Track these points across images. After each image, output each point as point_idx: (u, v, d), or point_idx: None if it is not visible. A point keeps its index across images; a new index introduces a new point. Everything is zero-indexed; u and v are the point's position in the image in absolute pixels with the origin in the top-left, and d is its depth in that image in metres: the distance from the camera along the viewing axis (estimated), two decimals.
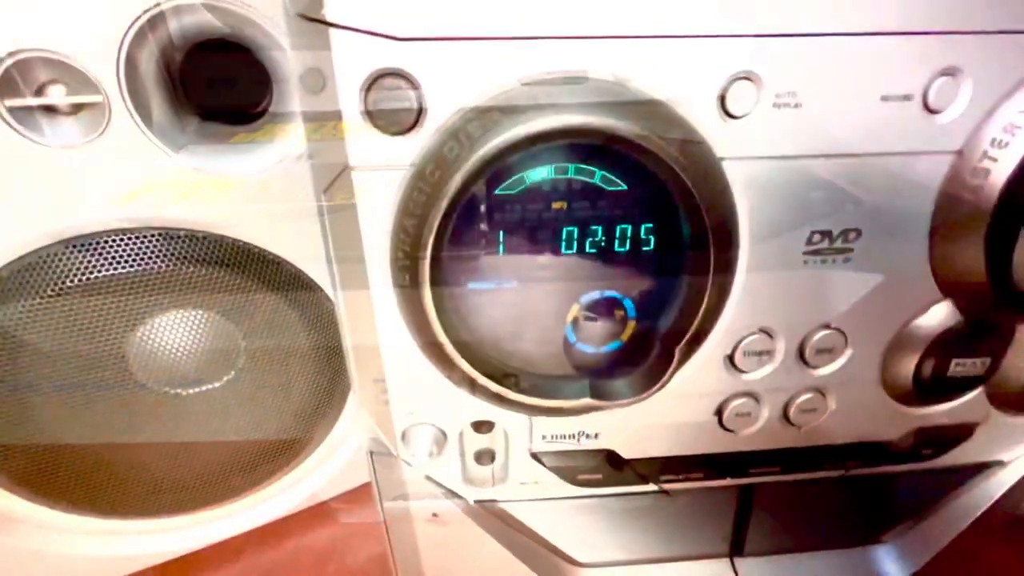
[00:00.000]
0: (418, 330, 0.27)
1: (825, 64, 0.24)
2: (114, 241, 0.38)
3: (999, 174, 0.25)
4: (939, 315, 0.30)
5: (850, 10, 0.23)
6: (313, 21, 0.22)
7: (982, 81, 0.25)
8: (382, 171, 0.24)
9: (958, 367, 0.30)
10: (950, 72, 0.24)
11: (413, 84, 0.22)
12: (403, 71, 0.22)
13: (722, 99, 0.24)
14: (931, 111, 0.25)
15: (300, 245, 0.43)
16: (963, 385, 0.31)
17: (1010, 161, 0.25)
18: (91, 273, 0.38)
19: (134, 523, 0.50)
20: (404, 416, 0.31)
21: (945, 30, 0.23)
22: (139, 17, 0.33)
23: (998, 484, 0.38)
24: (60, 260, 0.37)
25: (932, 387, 0.31)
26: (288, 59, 0.38)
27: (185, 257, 0.40)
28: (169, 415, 0.46)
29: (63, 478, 0.45)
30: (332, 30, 0.21)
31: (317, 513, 0.56)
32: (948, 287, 0.29)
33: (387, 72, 0.22)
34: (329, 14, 0.21)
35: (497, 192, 0.27)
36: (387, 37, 0.22)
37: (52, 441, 0.43)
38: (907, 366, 0.31)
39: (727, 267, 0.27)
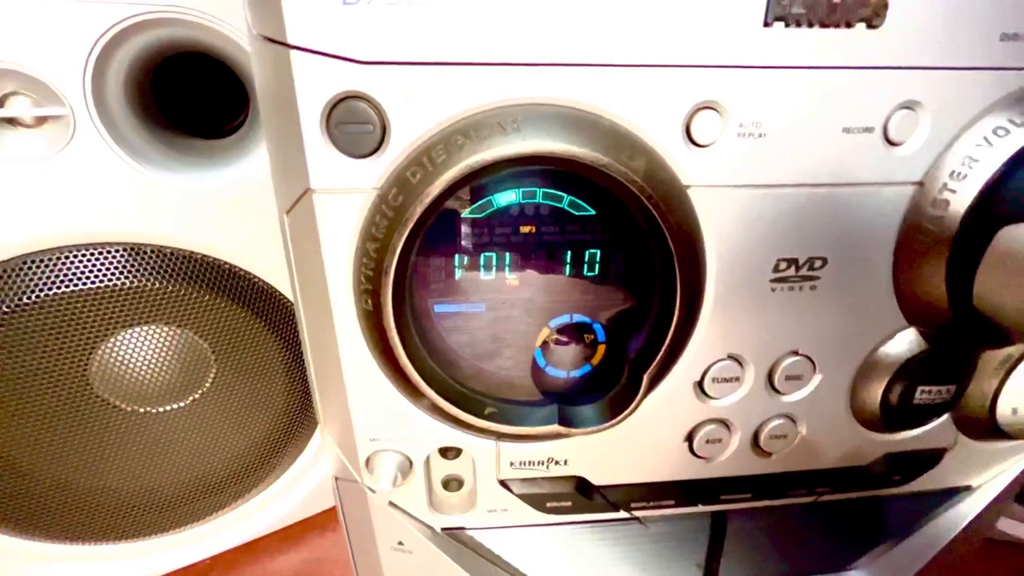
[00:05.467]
0: (381, 355, 0.27)
1: (788, 95, 0.24)
2: (76, 256, 0.37)
3: (959, 205, 0.26)
4: (905, 342, 0.30)
5: (811, 43, 0.23)
6: (275, 43, 0.22)
7: (941, 115, 0.25)
8: (344, 194, 0.24)
9: (923, 394, 0.30)
10: (909, 106, 0.25)
11: (376, 108, 0.22)
12: (365, 94, 0.22)
13: (687, 128, 0.24)
14: (892, 143, 0.25)
15: (271, 260, 0.42)
16: (929, 412, 0.32)
17: (969, 193, 0.26)
18: (51, 289, 0.36)
19: (95, 548, 0.48)
20: (367, 443, 0.30)
21: (904, 65, 0.24)
22: (108, 30, 0.33)
23: (968, 509, 0.38)
24: (18, 275, 0.36)
25: (899, 414, 0.31)
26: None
27: (152, 272, 0.39)
28: (133, 434, 0.44)
29: (20, 501, 0.43)
30: (293, 52, 0.21)
31: (285, 537, 0.54)
32: (912, 314, 0.29)
33: (349, 95, 0.22)
34: (291, 36, 0.21)
35: (464, 215, 0.27)
36: (349, 60, 0.21)
37: (9, 462, 0.41)
38: (874, 393, 0.31)
39: (694, 293, 0.27)
